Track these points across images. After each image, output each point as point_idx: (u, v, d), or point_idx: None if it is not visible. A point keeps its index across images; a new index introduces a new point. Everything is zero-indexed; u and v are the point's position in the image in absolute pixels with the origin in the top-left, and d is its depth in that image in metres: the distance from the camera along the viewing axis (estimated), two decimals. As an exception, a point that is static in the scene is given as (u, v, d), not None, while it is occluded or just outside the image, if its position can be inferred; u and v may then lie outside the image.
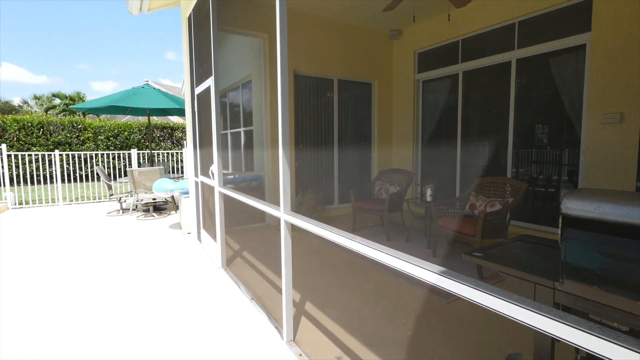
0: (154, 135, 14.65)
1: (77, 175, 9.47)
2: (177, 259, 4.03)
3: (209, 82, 3.60)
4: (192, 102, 4.65)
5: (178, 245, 4.59)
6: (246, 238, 5.13)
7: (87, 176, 11.31)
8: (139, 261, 3.95)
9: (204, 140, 4.22)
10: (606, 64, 3.44)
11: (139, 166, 9.75)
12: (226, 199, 3.57)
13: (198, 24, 4.17)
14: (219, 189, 3.50)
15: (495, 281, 2.70)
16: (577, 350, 1.28)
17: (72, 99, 23.35)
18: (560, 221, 1.19)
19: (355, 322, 2.51)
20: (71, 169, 9.40)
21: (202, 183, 4.45)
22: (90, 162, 11.04)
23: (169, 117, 16.89)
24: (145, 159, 11.29)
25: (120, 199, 6.99)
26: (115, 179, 9.90)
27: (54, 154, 7.94)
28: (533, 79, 4.56)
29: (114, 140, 13.54)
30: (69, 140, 12.71)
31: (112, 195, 7.09)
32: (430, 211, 4.05)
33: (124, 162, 11.03)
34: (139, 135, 14.10)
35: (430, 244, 4.07)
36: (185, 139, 13.76)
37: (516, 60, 4.51)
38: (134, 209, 7.05)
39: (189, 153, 5.09)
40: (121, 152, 9.78)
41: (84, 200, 8.45)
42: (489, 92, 5.21)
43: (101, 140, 13.29)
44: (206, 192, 4.32)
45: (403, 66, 6.31)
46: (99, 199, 8.60)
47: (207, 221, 4.35)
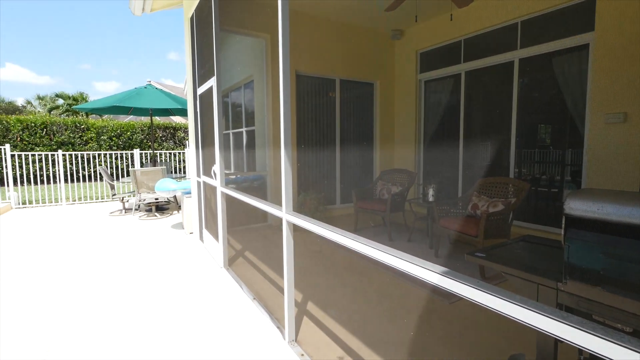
0: (156, 136, 14.69)
1: (80, 175, 9.52)
2: (179, 258, 4.04)
3: (211, 82, 3.61)
4: (195, 102, 4.66)
5: (180, 245, 4.61)
6: (248, 238, 5.14)
7: (89, 176, 11.36)
8: (141, 261, 3.96)
9: (206, 140, 4.23)
10: (609, 64, 3.42)
11: (141, 166, 9.79)
12: (228, 198, 3.58)
13: (200, 24, 4.18)
14: (221, 189, 3.51)
15: (497, 282, 2.69)
16: (580, 351, 1.27)
17: (75, 99, 23.48)
18: (564, 221, 1.19)
19: (357, 322, 2.51)
20: (74, 169, 9.43)
21: (204, 183, 4.46)
22: (93, 162, 11.09)
23: (172, 117, 16.93)
24: (147, 159, 11.34)
25: (122, 199, 7.01)
26: (117, 179, 9.93)
27: (57, 154, 7.98)
28: (536, 78, 4.54)
29: (116, 140, 13.60)
30: (72, 141, 12.77)
31: (114, 195, 7.12)
32: (432, 211, 4.04)
33: (126, 162, 11.07)
34: (142, 135, 14.15)
35: (432, 244, 4.06)
36: (188, 139, 13.80)
37: (519, 60, 4.49)
38: (136, 209, 7.08)
39: (191, 153, 5.10)
40: (124, 152, 9.81)
41: (86, 200, 8.49)
42: (492, 92, 5.19)
43: (104, 140, 13.35)
44: (208, 192, 4.33)
45: (405, 66, 6.30)
46: (102, 198, 8.63)
47: (209, 221, 4.36)
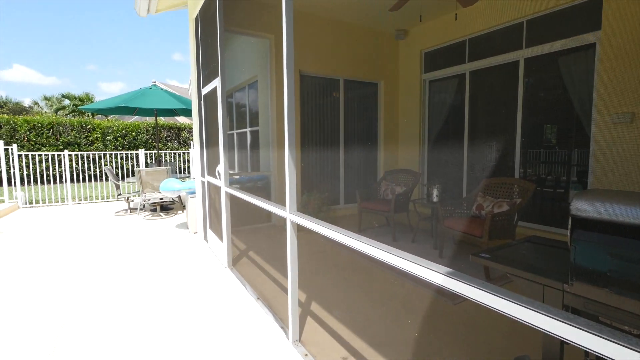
0: (161, 136, 14.78)
1: (86, 175, 9.60)
2: (183, 258, 4.06)
3: (216, 83, 3.62)
4: (199, 103, 4.68)
5: (185, 245, 4.63)
6: (252, 238, 5.15)
7: (95, 176, 11.45)
8: (146, 260, 3.99)
9: (210, 141, 4.25)
10: (617, 63, 3.38)
11: (146, 166, 9.84)
12: (232, 198, 3.59)
13: (205, 25, 4.20)
14: (225, 189, 3.52)
15: (502, 283, 2.67)
16: (586, 353, 1.26)
17: (81, 99, 23.71)
18: (570, 222, 1.17)
19: (361, 323, 2.51)
20: (80, 169, 9.51)
21: (208, 183, 4.47)
22: (98, 162, 11.17)
23: (176, 117, 17.02)
24: (152, 159, 11.40)
25: (128, 199, 7.06)
26: (123, 178, 10.01)
27: (64, 154, 8.06)
28: (541, 78, 4.50)
29: (122, 140, 13.70)
30: (78, 141, 12.88)
31: (120, 195, 7.17)
32: (436, 212, 4.02)
33: (131, 162, 11.15)
34: (147, 135, 14.24)
35: (436, 245, 4.04)
36: (192, 139, 13.86)
37: (524, 60, 4.46)
38: (141, 209, 7.13)
39: (195, 153, 5.12)
40: (129, 152, 9.88)
41: (92, 199, 8.55)
42: (497, 91, 5.16)
43: (109, 141, 13.45)
44: (212, 192, 4.34)
45: (409, 66, 6.28)
46: (107, 198, 8.70)
47: (213, 221, 4.37)
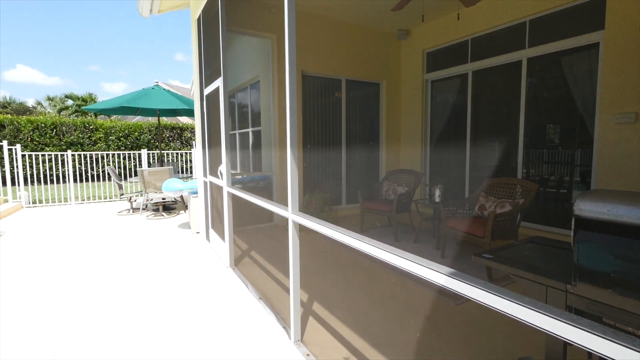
0: (163, 136, 14.82)
1: (89, 175, 9.65)
2: (186, 258, 4.07)
3: (218, 83, 3.63)
4: (201, 103, 4.69)
5: (187, 245, 4.64)
6: (254, 238, 5.15)
7: (98, 176, 11.50)
8: (148, 260, 4.00)
9: (212, 141, 4.25)
10: (620, 63, 3.36)
11: (148, 166, 9.88)
12: (234, 199, 3.59)
13: (207, 25, 4.21)
14: (227, 189, 3.53)
15: (505, 283, 2.66)
16: (589, 354, 1.25)
17: (84, 100, 23.82)
18: (573, 223, 1.17)
19: (362, 323, 2.51)
20: (83, 168, 9.56)
21: (210, 183, 4.48)
22: (101, 162, 11.22)
23: (179, 117, 17.06)
24: (155, 159, 11.45)
25: (130, 199, 7.09)
26: (125, 178, 10.04)
27: (67, 154, 8.10)
28: (544, 78, 4.48)
29: (124, 140, 13.75)
30: (81, 141, 12.94)
31: (122, 194, 7.20)
32: (438, 212, 4.02)
33: (134, 162, 11.19)
34: (149, 135, 14.28)
35: (438, 245, 4.04)
36: (194, 139, 13.89)
37: (527, 60, 4.44)
38: (143, 209, 7.15)
39: (197, 153, 5.13)
40: (131, 152, 9.91)
41: (95, 199, 8.59)
42: (499, 91, 5.14)
43: (112, 141, 13.50)
44: (215, 192, 4.35)
45: (411, 66, 6.28)
46: (110, 198, 8.73)
47: (215, 221, 4.38)
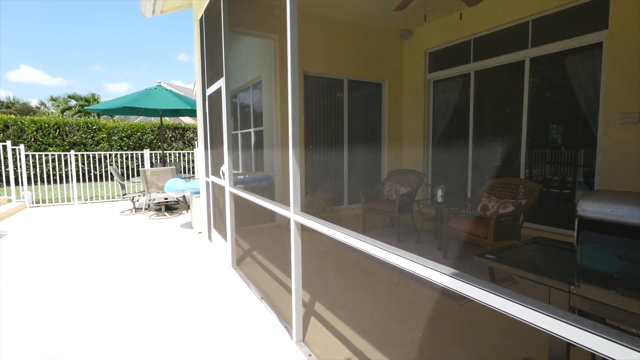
0: (166, 136, 14.87)
1: (92, 175, 9.70)
2: (188, 257, 4.08)
3: (220, 83, 3.64)
4: (204, 103, 4.70)
5: (189, 245, 4.65)
6: (256, 238, 5.16)
7: (101, 176, 11.55)
8: (151, 260, 4.01)
9: (214, 141, 4.26)
10: (624, 62, 3.34)
11: (151, 166, 9.91)
12: (236, 198, 3.60)
13: (209, 25, 4.22)
14: (229, 189, 3.53)
15: (508, 284, 2.65)
16: (593, 355, 1.24)
17: (87, 100, 23.93)
18: (577, 223, 1.16)
19: (364, 323, 2.50)
20: (86, 168, 9.61)
21: (212, 183, 4.49)
22: (104, 162, 11.27)
23: (181, 117, 17.11)
24: (157, 159, 11.47)
25: (133, 199, 7.11)
26: (128, 178, 10.07)
27: (70, 154, 8.14)
28: (547, 78, 4.46)
29: (127, 140, 13.80)
30: (84, 141, 13.00)
31: (125, 194, 7.22)
32: (441, 212, 4.00)
33: (136, 162, 11.22)
34: (152, 135, 14.33)
35: (441, 246, 4.03)
36: (197, 140, 13.92)
37: (530, 59, 4.42)
38: (146, 209, 7.17)
39: (200, 153, 5.15)
40: (134, 152, 9.95)
41: (98, 199, 8.62)
42: (502, 91, 5.12)
43: (115, 141, 13.56)
44: (217, 192, 4.36)
45: (414, 66, 6.26)
46: (113, 198, 8.76)
47: (217, 221, 4.39)
